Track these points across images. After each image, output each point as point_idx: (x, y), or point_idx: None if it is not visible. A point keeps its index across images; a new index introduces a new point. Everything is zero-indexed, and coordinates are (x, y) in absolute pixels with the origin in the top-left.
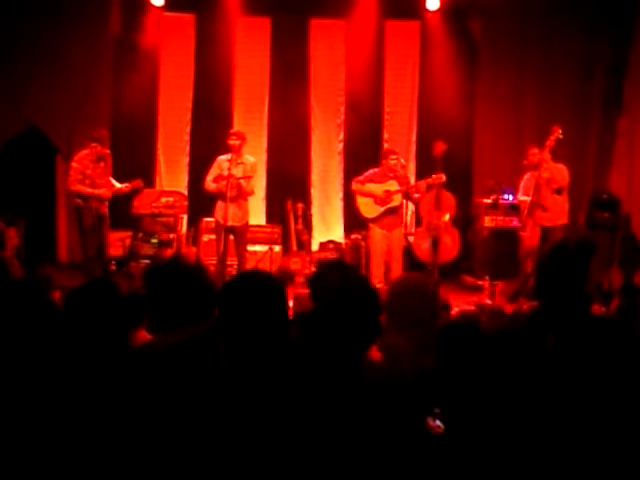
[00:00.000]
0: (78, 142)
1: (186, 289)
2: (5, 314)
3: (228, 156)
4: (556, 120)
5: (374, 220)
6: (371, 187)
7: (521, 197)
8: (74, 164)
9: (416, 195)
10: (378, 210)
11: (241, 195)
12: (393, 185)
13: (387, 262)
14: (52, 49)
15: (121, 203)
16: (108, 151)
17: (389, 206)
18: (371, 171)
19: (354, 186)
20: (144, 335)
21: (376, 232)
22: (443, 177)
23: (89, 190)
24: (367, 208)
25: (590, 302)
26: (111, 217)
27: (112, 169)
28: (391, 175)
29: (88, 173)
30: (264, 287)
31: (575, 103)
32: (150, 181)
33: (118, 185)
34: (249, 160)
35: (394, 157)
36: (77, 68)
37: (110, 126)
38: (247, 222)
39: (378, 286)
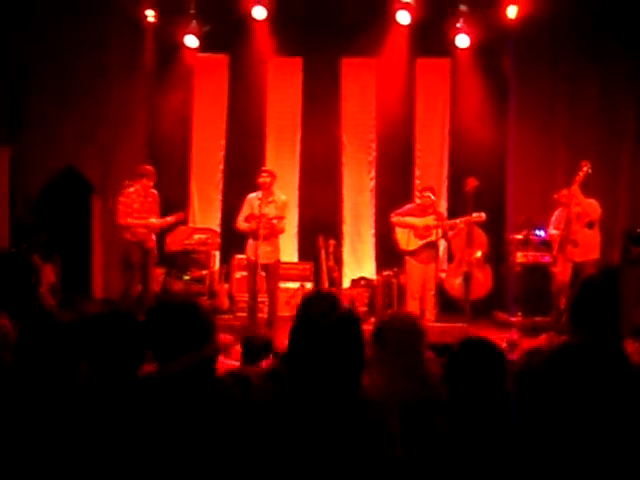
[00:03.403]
0: (113, 180)
1: (178, 322)
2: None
3: (258, 194)
4: (587, 153)
5: (412, 253)
6: (411, 220)
7: (552, 232)
8: (122, 199)
9: (450, 232)
10: (417, 243)
11: (273, 234)
12: (431, 220)
13: (421, 298)
14: (88, 89)
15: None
16: (155, 191)
17: (427, 240)
18: (409, 206)
19: (394, 218)
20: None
21: (413, 265)
22: (483, 216)
23: (136, 221)
24: (406, 241)
25: (622, 337)
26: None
27: (159, 208)
28: (429, 211)
29: (135, 207)
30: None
31: (606, 135)
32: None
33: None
34: (280, 198)
35: (430, 194)
36: (112, 107)
37: (144, 164)
38: (278, 259)
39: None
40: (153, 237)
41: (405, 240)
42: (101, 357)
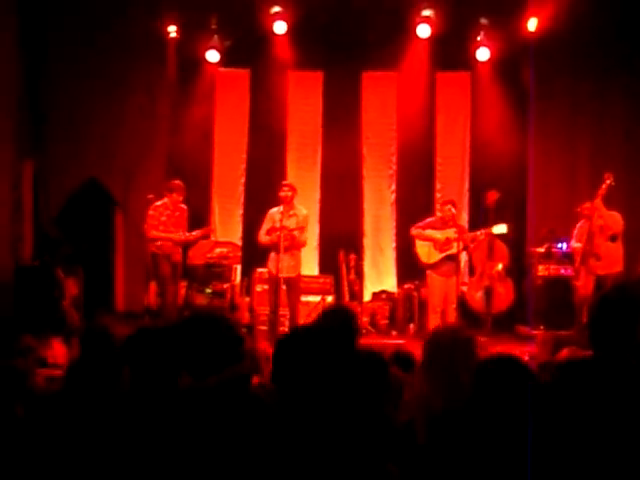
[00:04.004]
0: (135, 194)
1: (213, 337)
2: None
3: (279, 208)
4: (610, 165)
5: (433, 266)
6: (431, 233)
7: (574, 244)
8: (150, 212)
9: (471, 245)
10: (437, 256)
11: (294, 246)
12: (452, 233)
13: (443, 310)
14: (111, 103)
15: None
16: (184, 206)
17: (448, 253)
18: (430, 219)
19: (414, 231)
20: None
21: (434, 278)
22: (505, 228)
23: (163, 235)
24: (426, 254)
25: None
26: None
27: (187, 223)
28: (450, 224)
29: (163, 220)
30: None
31: (629, 147)
32: None
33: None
34: (301, 212)
35: (451, 207)
36: (134, 122)
37: (166, 177)
38: (300, 273)
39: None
40: (179, 251)
41: (426, 253)
42: (147, 367)
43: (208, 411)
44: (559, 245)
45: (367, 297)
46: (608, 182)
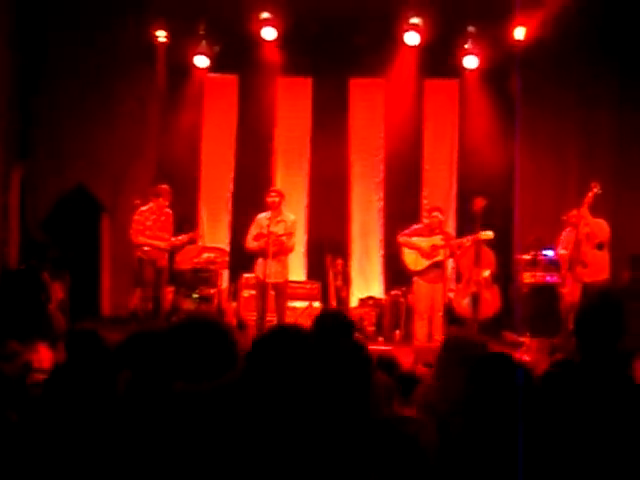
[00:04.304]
0: (123, 199)
1: (207, 341)
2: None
3: (267, 214)
4: (597, 173)
5: (419, 273)
6: (418, 241)
7: (560, 252)
8: (136, 217)
9: (458, 251)
10: (424, 263)
11: (282, 252)
12: (438, 240)
13: (430, 317)
14: (99, 109)
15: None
16: (169, 211)
17: (435, 260)
18: (416, 226)
19: (401, 239)
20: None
21: (421, 285)
22: (491, 234)
23: (148, 240)
24: (413, 261)
25: (629, 359)
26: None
27: (173, 227)
28: (436, 231)
29: (148, 225)
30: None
31: (616, 154)
32: None
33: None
34: (289, 217)
35: (438, 214)
36: (123, 127)
37: (154, 183)
38: (287, 278)
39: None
40: (165, 256)
41: (413, 261)
42: (142, 371)
43: (202, 416)
44: (545, 252)
45: (354, 303)
46: (595, 190)
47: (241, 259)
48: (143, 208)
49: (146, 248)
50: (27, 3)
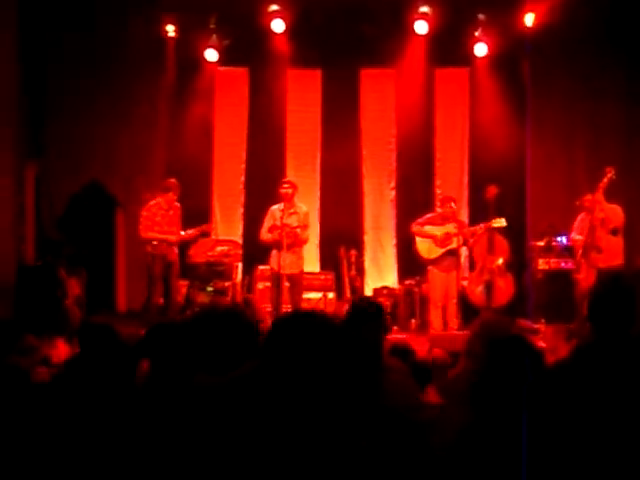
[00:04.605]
0: (135, 194)
1: (231, 331)
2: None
3: (280, 205)
4: (609, 158)
5: (433, 262)
6: (431, 229)
7: (575, 237)
8: (144, 212)
9: (471, 239)
10: (438, 252)
11: (296, 243)
12: (452, 228)
13: (444, 306)
14: (110, 106)
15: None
16: (178, 205)
17: (448, 248)
18: (429, 215)
19: (414, 228)
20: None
21: (435, 274)
22: (504, 221)
23: (158, 235)
24: (427, 250)
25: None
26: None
27: (181, 221)
28: (450, 219)
29: (157, 220)
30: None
31: (627, 140)
32: None
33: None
34: (302, 209)
35: (451, 204)
36: (135, 123)
37: (166, 177)
38: (302, 269)
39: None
40: (175, 250)
41: (426, 249)
42: (164, 363)
43: (218, 407)
44: (559, 238)
45: (368, 293)
46: (609, 175)
47: (255, 251)
48: (151, 203)
49: (155, 243)
50: (38, 0)
